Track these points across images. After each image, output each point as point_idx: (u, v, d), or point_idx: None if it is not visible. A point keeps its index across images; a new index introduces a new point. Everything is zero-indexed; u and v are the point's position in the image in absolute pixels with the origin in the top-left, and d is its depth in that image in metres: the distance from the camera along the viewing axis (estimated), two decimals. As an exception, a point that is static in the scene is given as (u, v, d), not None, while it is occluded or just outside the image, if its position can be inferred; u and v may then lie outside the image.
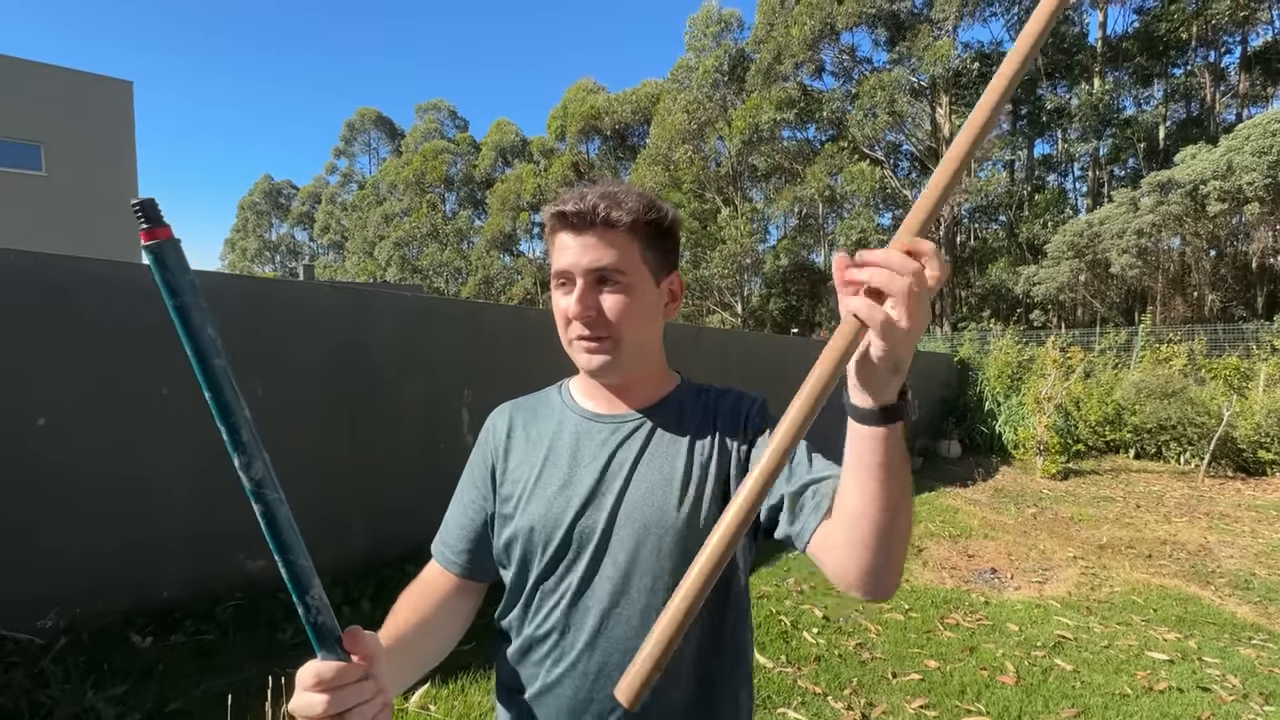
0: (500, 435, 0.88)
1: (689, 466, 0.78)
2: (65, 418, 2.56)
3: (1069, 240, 17.10)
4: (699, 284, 24.76)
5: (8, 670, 2.27)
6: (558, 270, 0.78)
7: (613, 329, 0.76)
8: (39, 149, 11.85)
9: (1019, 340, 10.88)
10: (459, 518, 0.87)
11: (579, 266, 0.76)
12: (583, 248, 0.76)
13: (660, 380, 0.86)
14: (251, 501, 0.48)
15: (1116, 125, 21.12)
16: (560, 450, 0.82)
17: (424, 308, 3.89)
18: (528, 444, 0.85)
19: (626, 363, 0.78)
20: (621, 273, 0.76)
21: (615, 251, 0.76)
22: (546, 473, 0.81)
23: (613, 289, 0.76)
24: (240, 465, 0.46)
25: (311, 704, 0.52)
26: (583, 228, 0.76)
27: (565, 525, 0.77)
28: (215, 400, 0.45)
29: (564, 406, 0.87)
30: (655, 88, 29.50)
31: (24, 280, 2.48)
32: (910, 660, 2.87)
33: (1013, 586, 3.92)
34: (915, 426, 8.55)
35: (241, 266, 58.06)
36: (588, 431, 0.83)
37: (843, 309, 0.49)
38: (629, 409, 0.83)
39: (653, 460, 0.79)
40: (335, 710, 0.52)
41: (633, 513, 0.76)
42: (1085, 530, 5.21)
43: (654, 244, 0.79)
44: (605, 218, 0.75)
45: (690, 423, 0.82)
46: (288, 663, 2.50)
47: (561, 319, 0.79)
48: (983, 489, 6.75)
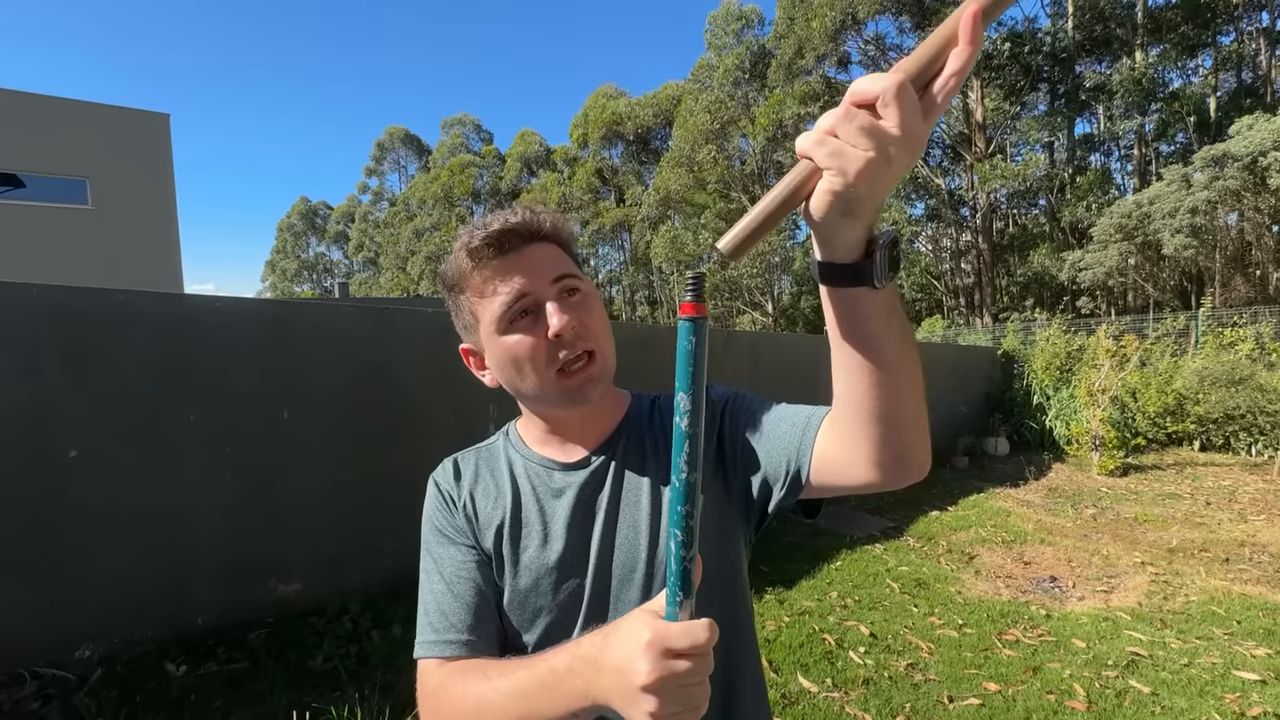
0: (463, 492, 0.77)
1: (663, 499, 0.71)
2: (96, 449, 2.58)
3: (1116, 222, 16.32)
4: (728, 285, 24.54)
5: (45, 704, 2.28)
6: (510, 299, 0.67)
7: (596, 338, 0.69)
8: (85, 183, 12.41)
9: (1066, 329, 10.37)
10: (450, 595, 0.71)
11: (542, 281, 0.68)
12: (535, 263, 0.68)
13: (613, 404, 0.77)
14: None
15: (1162, 99, 20.09)
16: (526, 509, 0.73)
17: (446, 324, 3.85)
18: (488, 503, 0.75)
19: (610, 380, 0.71)
20: (579, 278, 0.70)
21: (563, 260, 0.70)
22: (515, 536, 0.72)
23: (577, 299, 0.69)
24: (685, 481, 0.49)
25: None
26: (521, 244, 0.68)
27: (549, 594, 0.70)
28: (690, 453, 0.48)
29: (518, 456, 0.77)
30: (676, 89, 29.43)
31: (50, 313, 2.51)
32: (968, 683, 2.67)
33: (1075, 597, 3.65)
34: (959, 424, 8.20)
35: (282, 287, 60.09)
36: (550, 485, 0.74)
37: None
38: (587, 449, 0.74)
39: (628, 503, 0.71)
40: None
41: (621, 565, 0.69)
42: (1152, 532, 4.87)
43: (573, 253, 0.73)
44: (540, 229, 0.69)
45: (654, 445, 0.74)
46: (316, 693, 2.46)
47: (534, 350, 0.67)
48: (1035, 489, 6.40)
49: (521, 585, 0.71)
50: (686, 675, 0.47)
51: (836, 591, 3.63)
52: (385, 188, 53.66)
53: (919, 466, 0.58)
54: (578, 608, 0.70)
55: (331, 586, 3.14)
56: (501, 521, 0.73)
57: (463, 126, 44.80)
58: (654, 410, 0.78)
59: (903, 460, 0.57)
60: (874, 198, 0.44)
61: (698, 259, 27.74)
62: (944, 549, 4.45)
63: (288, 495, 3.06)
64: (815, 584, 3.76)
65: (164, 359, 2.74)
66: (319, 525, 3.15)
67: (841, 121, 0.42)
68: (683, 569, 0.48)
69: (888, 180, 0.43)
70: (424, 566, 0.74)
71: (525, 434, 0.79)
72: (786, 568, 3.93)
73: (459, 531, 0.74)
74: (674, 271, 29.78)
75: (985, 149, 21.36)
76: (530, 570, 0.71)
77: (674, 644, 0.47)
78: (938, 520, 5.15)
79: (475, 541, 0.73)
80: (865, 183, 0.42)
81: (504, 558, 0.72)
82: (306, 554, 3.10)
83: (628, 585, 0.69)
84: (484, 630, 0.70)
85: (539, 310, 0.67)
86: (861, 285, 0.48)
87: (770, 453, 0.68)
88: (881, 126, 0.41)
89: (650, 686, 0.46)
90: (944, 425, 8.08)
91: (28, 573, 2.42)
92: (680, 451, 0.48)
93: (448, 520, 0.75)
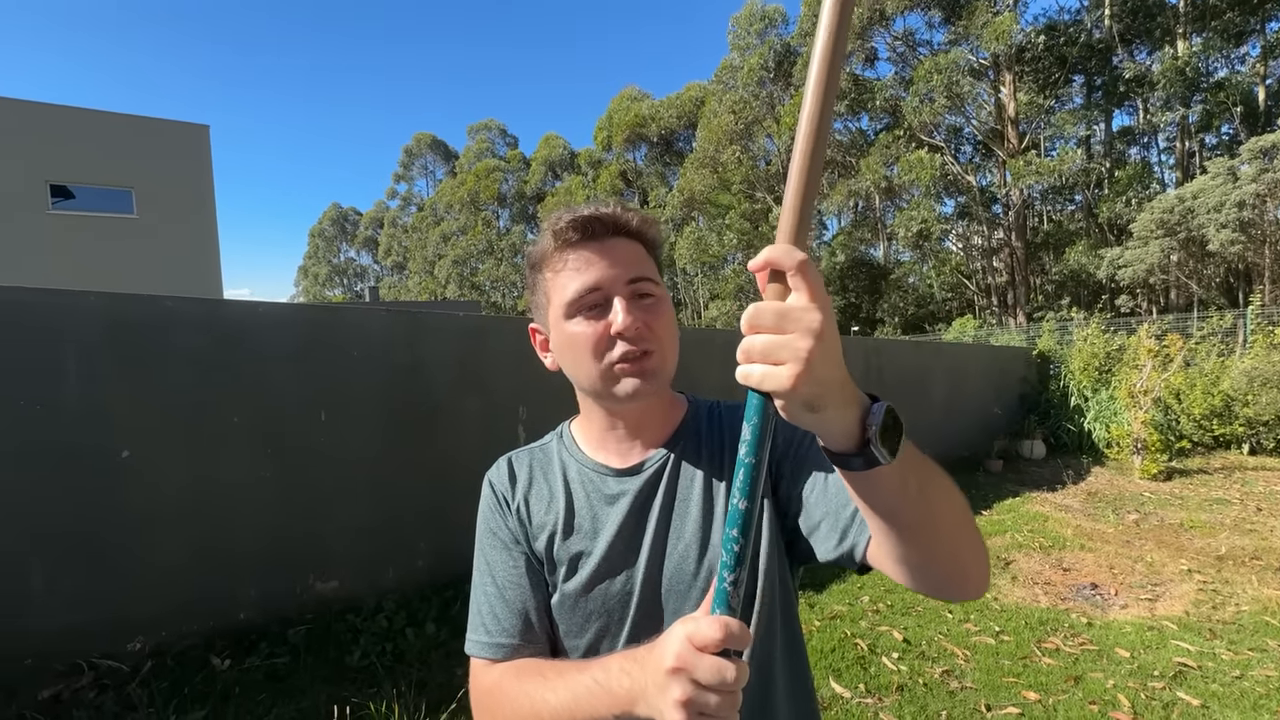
0: (517, 495, 0.77)
1: (717, 510, 0.71)
2: (146, 449, 2.68)
3: (1158, 218, 15.77)
4: (752, 285, 24.33)
5: (101, 693, 2.37)
6: (583, 289, 0.67)
7: (659, 341, 0.68)
8: (130, 193, 12.93)
9: (1105, 329, 10.05)
10: (502, 599, 0.73)
11: (618, 278, 0.68)
12: (614, 258, 0.68)
13: (670, 407, 0.78)
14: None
15: (1207, 89, 19.36)
16: (579, 514, 0.74)
17: (477, 326, 3.91)
18: (541, 507, 0.76)
19: (665, 381, 0.71)
20: (655, 283, 0.70)
21: (644, 260, 0.70)
22: (568, 541, 0.73)
23: (648, 302, 0.69)
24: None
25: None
26: (605, 234, 0.69)
27: (599, 599, 0.70)
28: (745, 482, 0.48)
29: (572, 460, 0.77)
30: (700, 90, 29.36)
31: (103, 319, 2.62)
32: (1006, 691, 2.61)
33: (1118, 605, 3.54)
34: (994, 426, 8.02)
35: (314, 291, 61.62)
36: (604, 490, 0.74)
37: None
38: (644, 452, 0.74)
39: (680, 512, 0.71)
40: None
41: (672, 572, 0.69)
42: (1199, 539, 4.69)
43: (656, 256, 0.73)
44: (628, 224, 0.69)
45: (710, 453, 0.74)
46: (354, 688, 2.52)
47: (595, 343, 0.67)
48: (1074, 493, 6.22)
49: (571, 590, 0.71)
50: (713, 699, 0.47)
51: (868, 596, 3.58)
52: (413, 193, 54.69)
53: (970, 588, 0.57)
54: (627, 613, 0.70)
55: (368, 584, 3.21)
56: (554, 526, 0.73)
57: (488, 131, 45.37)
58: (713, 417, 0.78)
59: (943, 587, 0.57)
60: (826, 393, 0.43)
61: (722, 260, 27.64)
62: (979, 554, 4.35)
63: (325, 495, 3.14)
64: (846, 588, 3.71)
65: (209, 362, 2.84)
66: (355, 524, 3.22)
67: (755, 342, 0.43)
68: (723, 589, 0.49)
69: (827, 367, 0.42)
70: (477, 565, 0.76)
71: (580, 436, 0.79)
72: (816, 571, 3.89)
73: (511, 534, 0.75)
74: (698, 273, 29.70)
75: (1018, 144, 20.84)
76: (581, 575, 0.71)
77: (705, 638, 0.47)
78: (972, 524, 5.03)
79: (528, 544, 0.74)
80: (805, 385, 0.42)
81: (556, 562, 0.73)
82: (343, 552, 3.18)
83: (678, 593, 0.69)
84: (534, 635, 0.72)
85: (608, 305, 0.67)
86: (873, 468, 0.47)
87: (825, 517, 0.66)
88: (788, 334, 0.42)
89: (674, 670, 0.47)
90: (978, 428, 7.90)
91: (84, 568, 2.53)
92: (738, 478, 0.48)
93: (501, 522, 0.76)
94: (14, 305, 2.45)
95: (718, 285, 28.13)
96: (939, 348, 9.52)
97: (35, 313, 2.49)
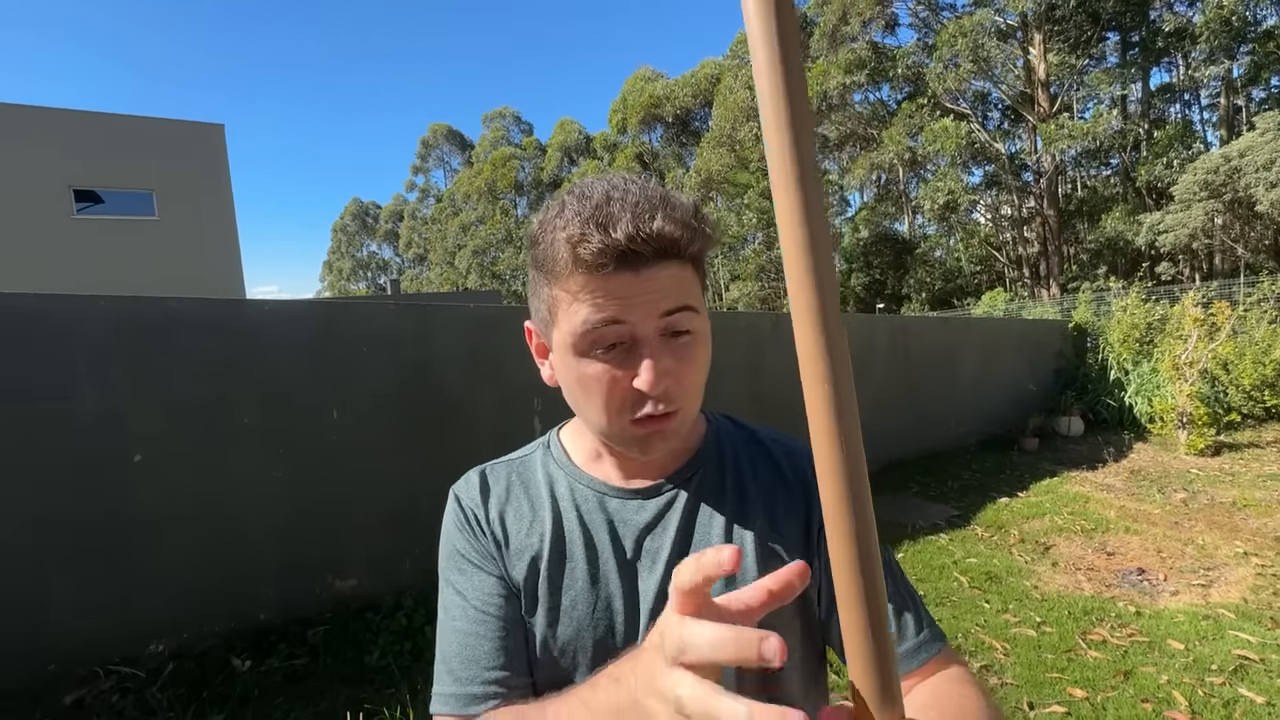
0: (491, 511, 0.63)
1: (744, 560, 0.57)
2: (159, 453, 2.66)
3: (1201, 179, 15.01)
4: (774, 265, 23.99)
5: (122, 697, 2.38)
6: (604, 320, 0.52)
7: (687, 395, 0.55)
8: (151, 195, 13.13)
9: (1146, 298, 9.61)
10: (477, 632, 0.59)
11: (650, 315, 0.52)
12: (651, 289, 0.52)
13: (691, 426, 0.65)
14: None
15: (1255, 39, 18.23)
16: (569, 541, 0.61)
17: (488, 317, 3.83)
18: (521, 528, 0.62)
19: (684, 434, 0.58)
20: (696, 311, 0.55)
21: (688, 285, 0.54)
22: (556, 573, 0.60)
23: (683, 341, 0.54)
24: None
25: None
26: (643, 264, 0.51)
27: (590, 649, 0.58)
28: None
29: (562, 474, 0.64)
30: (715, 67, 28.78)
31: (116, 323, 2.59)
32: (1050, 688, 2.47)
33: (1168, 591, 3.35)
34: (1028, 403, 7.73)
35: (339, 286, 62.65)
36: (603, 514, 0.61)
37: None
38: (654, 474, 0.62)
39: (698, 550, 0.58)
40: None
41: None
42: (1254, 519, 4.44)
43: (704, 270, 0.59)
44: (680, 249, 0.52)
45: (735, 484, 0.62)
46: (372, 689, 2.48)
47: (610, 393, 0.54)
48: (1115, 471, 5.95)
49: (561, 634, 0.59)
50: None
51: (899, 585, 3.45)
52: (431, 184, 54.93)
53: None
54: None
55: (386, 582, 3.19)
56: (537, 553, 0.60)
57: (503, 119, 45.24)
58: (737, 443, 0.66)
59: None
60: None
61: (742, 240, 27.23)
62: (1016, 539, 4.17)
63: (340, 493, 3.11)
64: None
65: (219, 363, 2.81)
66: (371, 522, 3.19)
67: None
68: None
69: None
70: (442, 601, 0.62)
71: (573, 447, 0.66)
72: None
73: (485, 557, 0.61)
74: (718, 254, 29.32)
75: (1050, 108, 19.99)
76: (573, 617, 0.59)
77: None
78: (1007, 508, 4.84)
79: (504, 571, 0.61)
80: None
81: (538, 598, 0.59)
82: (360, 550, 3.15)
83: None
84: (518, 669, 0.58)
85: (633, 346, 0.53)
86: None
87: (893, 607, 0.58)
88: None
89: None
90: (1012, 404, 7.62)
91: (100, 573, 2.53)
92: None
93: (470, 543, 0.62)
94: (25, 313, 2.44)
95: (738, 266, 27.74)
96: (969, 323, 9.19)
97: (47, 319, 2.47)
